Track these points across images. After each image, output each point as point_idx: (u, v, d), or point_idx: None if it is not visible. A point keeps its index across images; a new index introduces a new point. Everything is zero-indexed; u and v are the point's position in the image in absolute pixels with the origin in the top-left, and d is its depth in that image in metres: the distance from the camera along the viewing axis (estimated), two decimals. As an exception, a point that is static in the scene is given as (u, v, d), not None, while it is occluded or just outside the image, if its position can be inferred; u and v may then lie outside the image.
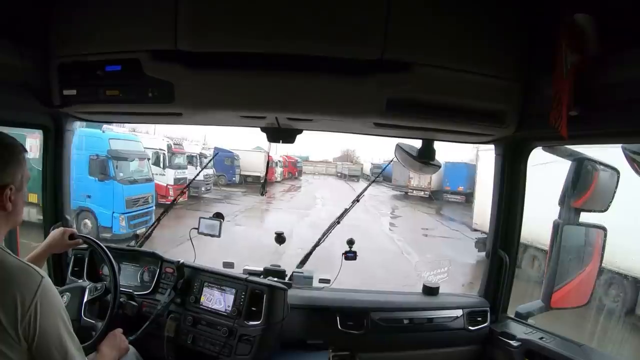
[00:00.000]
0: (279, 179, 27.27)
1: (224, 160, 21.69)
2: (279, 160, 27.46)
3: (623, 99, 1.16)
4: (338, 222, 2.24)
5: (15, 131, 1.69)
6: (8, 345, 0.91)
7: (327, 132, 2.01)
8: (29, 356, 0.96)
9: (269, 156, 15.63)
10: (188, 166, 15.10)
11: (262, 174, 21.25)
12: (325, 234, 2.21)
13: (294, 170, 32.84)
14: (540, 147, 1.86)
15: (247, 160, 22.67)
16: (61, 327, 1.00)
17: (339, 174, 38.81)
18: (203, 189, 16.13)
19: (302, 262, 2.20)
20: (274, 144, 1.94)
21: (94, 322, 1.59)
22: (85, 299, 1.65)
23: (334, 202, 18.44)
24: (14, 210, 1.06)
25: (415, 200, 21.88)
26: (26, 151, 1.11)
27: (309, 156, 45.29)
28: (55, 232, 1.57)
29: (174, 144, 14.56)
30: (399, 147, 1.92)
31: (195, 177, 10.89)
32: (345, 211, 2.27)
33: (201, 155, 16.89)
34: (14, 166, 1.05)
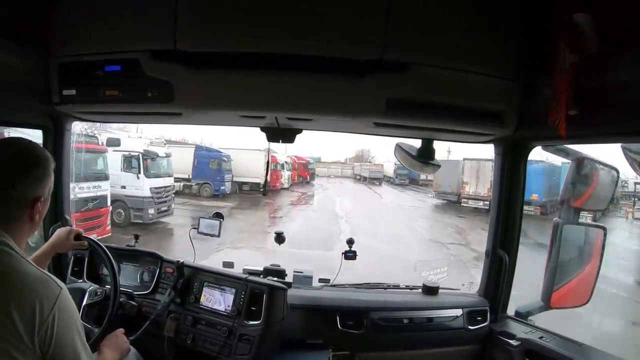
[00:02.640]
0: (286, 185, 21.44)
1: (208, 163, 16.30)
2: (286, 162, 21.89)
3: (622, 99, 1.16)
4: None
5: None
6: (23, 353, 0.92)
7: (327, 131, 2.01)
8: None
9: (272, 156, 13.28)
10: (125, 173, 9.76)
11: (261, 180, 16.76)
12: None
13: (305, 174, 26.99)
14: (540, 147, 1.86)
15: (243, 162, 17.25)
16: (76, 338, 1.01)
17: (358, 177, 33.11)
18: (151, 211, 9.85)
19: None
20: (282, 144, 1.92)
21: (90, 327, 1.58)
22: (84, 302, 1.66)
23: (367, 225, 12.47)
24: (38, 221, 1.08)
25: (470, 212, 15.84)
26: (54, 162, 1.13)
27: (320, 157, 37.97)
28: (60, 232, 1.56)
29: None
30: (398, 147, 1.92)
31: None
32: None
33: (147, 155, 10.44)
34: (45, 179, 1.07)
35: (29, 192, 1.02)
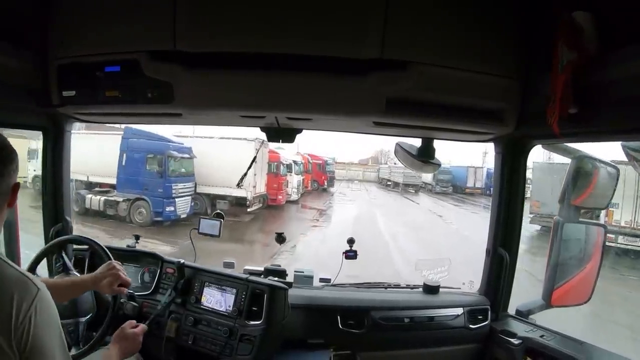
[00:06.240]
0: (294, 197, 15.04)
1: (144, 161, 9.79)
2: (296, 162, 15.38)
3: (622, 96, 1.16)
4: None
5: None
6: (1, 356, 0.89)
7: (327, 131, 2.01)
8: None
9: (272, 154, 9.11)
10: None
11: (249, 191, 11.01)
12: None
13: (321, 178, 20.34)
14: (540, 145, 1.86)
15: (217, 160, 10.53)
16: (54, 341, 0.97)
17: (389, 182, 26.66)
18: None
19: None
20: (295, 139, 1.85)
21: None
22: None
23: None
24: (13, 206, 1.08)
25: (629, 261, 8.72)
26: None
27: (335, 157, 29.99)
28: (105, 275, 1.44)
29: None
30: (398, 146, 1.93)
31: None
32: None
33: None
34: (18, 166, 1.06)
35: (10, 181, 1.02)
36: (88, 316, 1.60)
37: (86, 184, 10.48)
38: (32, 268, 1.70)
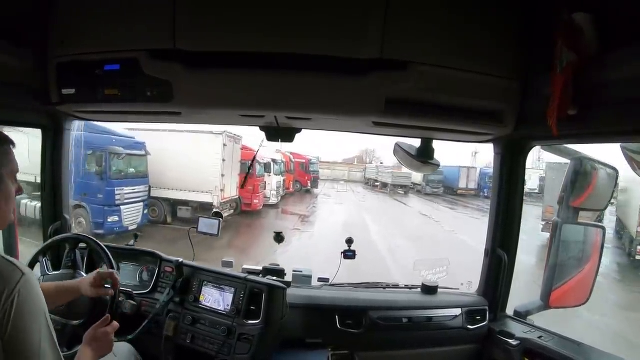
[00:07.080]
0: (273, 200, 13.50)
1: (85, 160, 8.13)
2: (275, 160, 13.83)
3: (622, 97, 1.16)
4: None
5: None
6: None
7: (326, 130, 2.01)
8: (4, 355, 0.88)
9: (246, 150, 7.94)
10: None
11: (216, 196, 9.63)
12: None
13: (304, 178, 19.02)
14: (540, 146, 1.86)
15: (178, 158, 9.15)
16: (39, 329, 0.92)
17: (376, 183, 25.41)
18: None
19: None
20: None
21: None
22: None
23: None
24: (4, 207, 0.98)
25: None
26: (13, 143, 1.01)
27: (319, 157, 27.94)
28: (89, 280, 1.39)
29: None
30: (398, 147, 1.93)
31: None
32: None
33: None
34: (6, 157, 0.97)
35: None
36: (79, 321, 1.56)
37: (34, 185, 9.69)
38: (32, 265, 1.70)
